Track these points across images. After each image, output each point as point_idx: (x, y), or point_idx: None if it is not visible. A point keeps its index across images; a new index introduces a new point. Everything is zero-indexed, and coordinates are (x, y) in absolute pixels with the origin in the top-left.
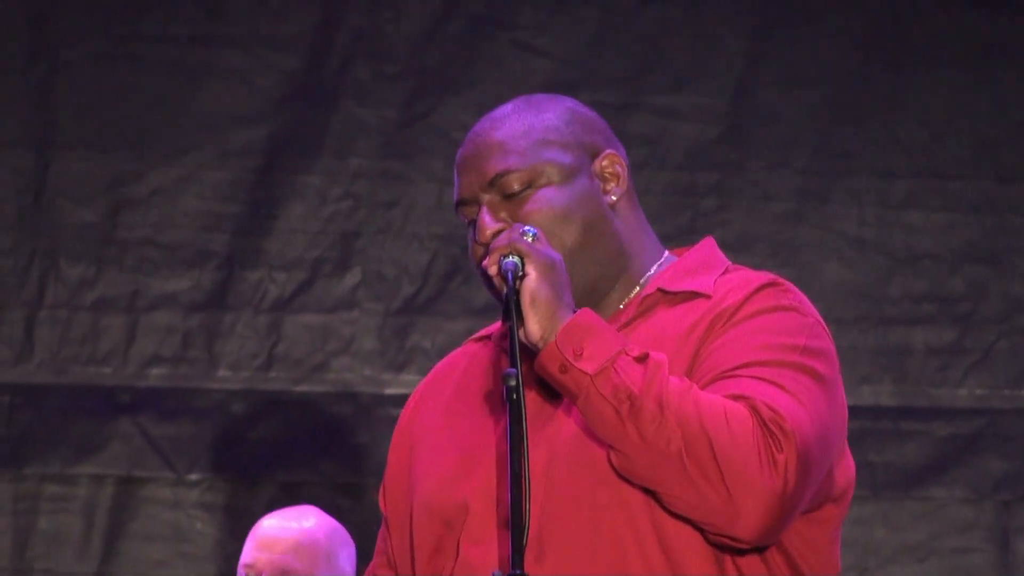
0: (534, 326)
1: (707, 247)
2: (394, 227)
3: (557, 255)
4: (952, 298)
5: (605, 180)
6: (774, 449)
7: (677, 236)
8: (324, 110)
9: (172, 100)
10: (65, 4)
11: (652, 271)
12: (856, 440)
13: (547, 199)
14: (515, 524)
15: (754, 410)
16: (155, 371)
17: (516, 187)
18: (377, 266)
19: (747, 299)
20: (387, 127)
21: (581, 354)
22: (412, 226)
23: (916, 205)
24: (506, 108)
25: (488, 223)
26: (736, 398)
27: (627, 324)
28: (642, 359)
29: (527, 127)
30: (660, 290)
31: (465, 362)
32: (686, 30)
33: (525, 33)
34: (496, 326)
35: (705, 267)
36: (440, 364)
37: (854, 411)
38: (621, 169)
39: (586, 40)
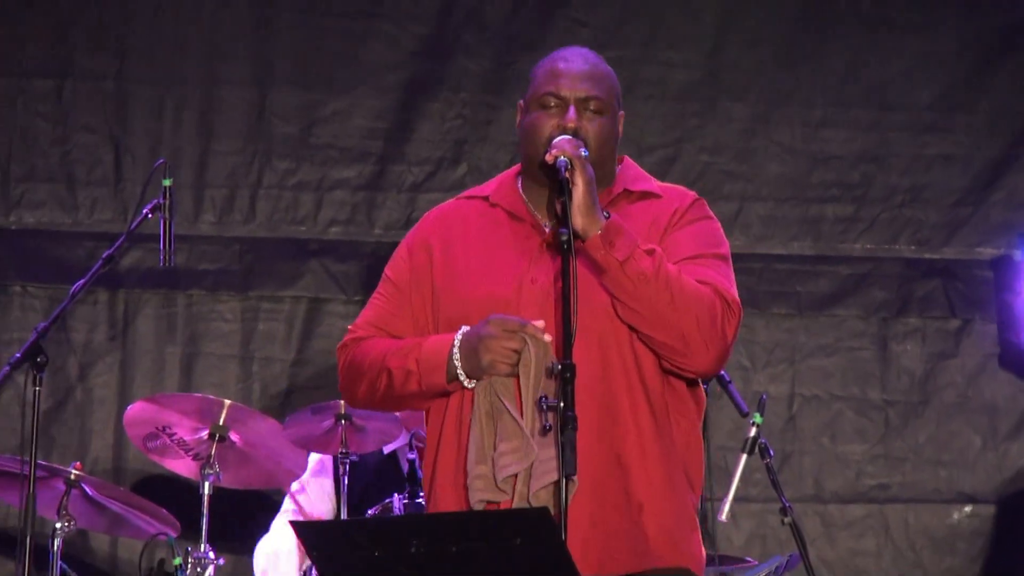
0: (579, 222)
1: (633, 164)
2: (489, 137)
3: (593, 172)
4: (851, 185)
5: (617, 123)
6: (729, 316)
7: (672, 144)
8: (444, 61)
9: (346, 54)
10: None
11: (615, 180)
12: (788, 277)
13: (604, 125)
14: (566, 329)
15: (717, 292)
16: (333, 229)
17: (593, 108)
18: (477, 162)
19: (689, 207)
20: (485, 73)
21: (613, 245)
22: (500, 137)
23: (829, 125)
24: (592, 54)
25: (574, 117)
26: (703, 282)
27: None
28: (651, 252)
29: (607, 74)
30: (626, 190)
31: (473, 213)
32: (678, 10)
33: (576, 11)
34: (483, 188)
35: (643, 178)
36: (442, 207)
37: (788, 259)
38: (622, 120)
39: (615, 17)
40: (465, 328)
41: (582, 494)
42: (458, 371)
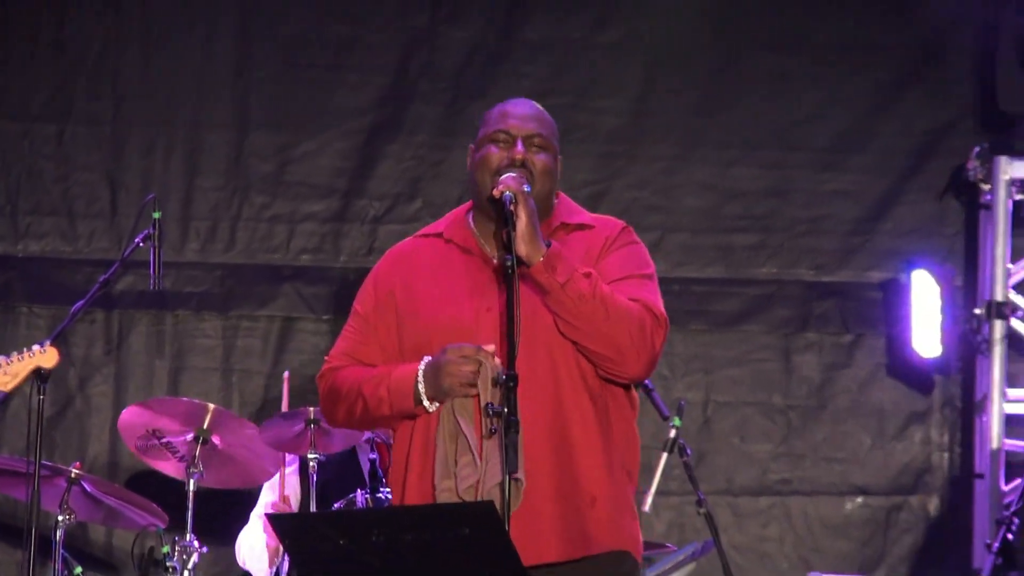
0: (523, 250)
1: (568, 200)
2: (441, 175)
3: (534, 206)
4: (758, 217)
5: (558, 163)
6: (657, 328)
7: (602, 180)
8: (402, 107)
9: (316, 100)
10: (257, 46)
11: (553, 214)
12: (703, 298)
13: (548, 160)
14: (510, 344)
15: (647, 308)
16: (304, 256)
17: (537, 144)
18: (431, 198)
19: (618, 235)
20: (439, 118)
21: (555, 270)
22: (452, 175)
23: (739, 164)
24: (536, 104)
25: (521, 150)
26: (634, 300)
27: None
28: (588, 275)
29: (550, 121)
30: (563, 223)
31: (429, 250)
32: (608, 63)
33: (518, 65)
34: (437, 226)
35: (578, 211)
36: (402, 246)
37: (703, 282)
38: (560, 163)
39: (552, 69)
40: (427, 358)
41: (541, 488)
42: (422, 396)
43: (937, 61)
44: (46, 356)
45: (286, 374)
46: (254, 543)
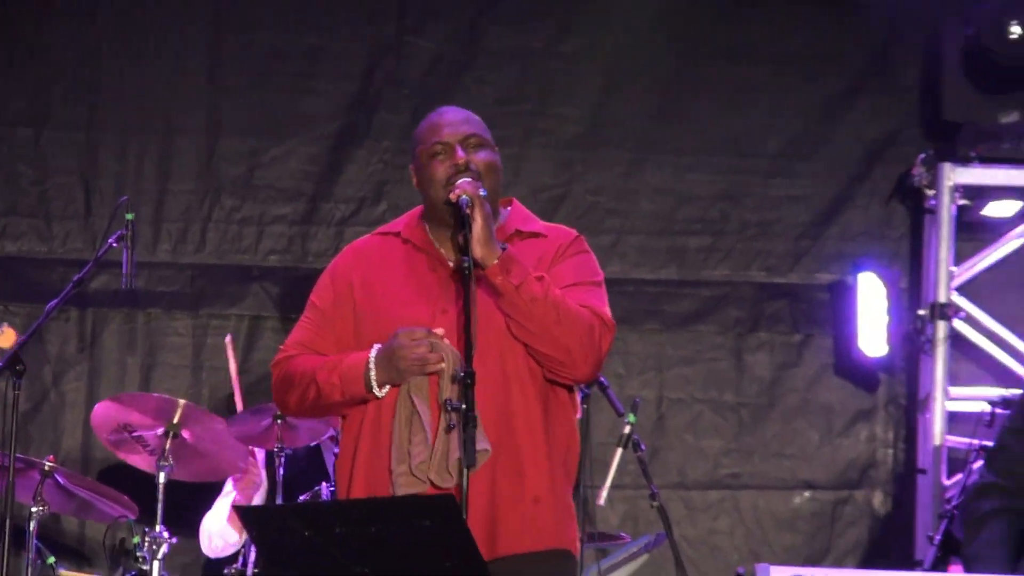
0: (479, 252)
1: (521, 207)
2: (405, 180)
3: (490, 209)
4: (711, 221)
5: (499, 157)
6: (604, 333)
7: (562, 185)
8: (369, 114)
9: (285, 107)
10: (228, 54)
11: (502, 218)
12: (657, 298)
13: (491, 156)
14: (467, 342)
15: (595, 313)
16: (272, 257)
17: (474, 143)
18: (396, 201)
19: (570, 244)
20: (404, 124)
21: (509, 272)
22: None
23: (693, 170)
24: (459, 108)
25: (462, 154)
26: (584, 305)
27: None
28: (540, 279)
29: (478, 119)
30: (518, 231)
31: (387, 248)
32: (568, 72)
33: (481, 72)
34: (395, 225)
35: (531, 219)
36: (361, 242)
37: (657, 283)
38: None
39: (514, 77)
40: (378, 345)
41: (484, 485)
42: (372, 382)
43: (884, 72)
44: (3, 336)
45: (228, 337)
46: (220, 523)
